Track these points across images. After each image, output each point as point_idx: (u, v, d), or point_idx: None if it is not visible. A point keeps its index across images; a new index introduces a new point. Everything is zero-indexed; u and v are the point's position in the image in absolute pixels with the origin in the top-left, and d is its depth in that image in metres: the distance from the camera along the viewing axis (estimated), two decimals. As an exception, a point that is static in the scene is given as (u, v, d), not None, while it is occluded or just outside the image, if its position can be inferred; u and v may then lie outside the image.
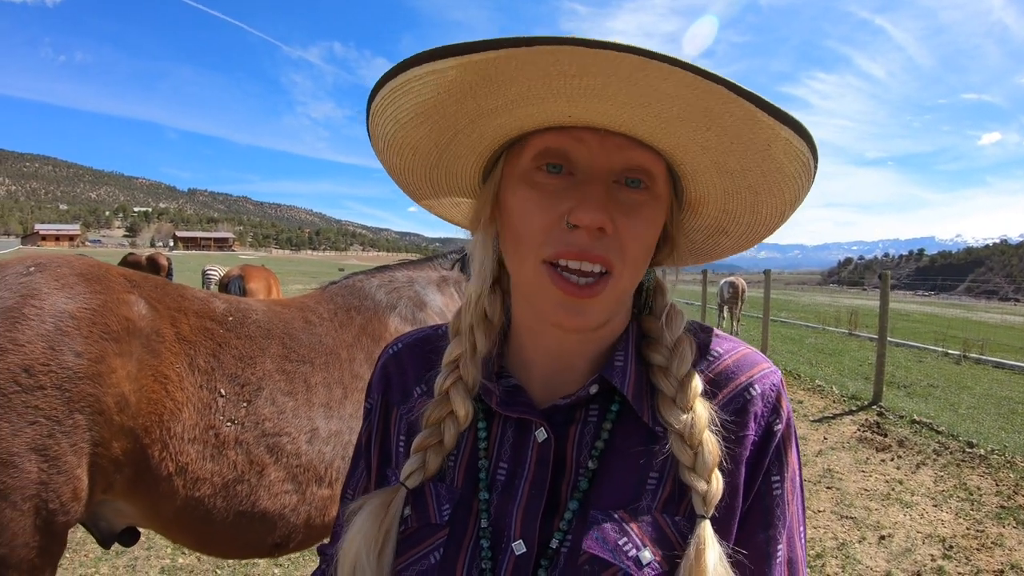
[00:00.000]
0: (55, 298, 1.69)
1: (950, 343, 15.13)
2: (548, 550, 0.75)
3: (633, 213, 0.74)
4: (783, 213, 0.80)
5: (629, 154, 0.74)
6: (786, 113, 0.64)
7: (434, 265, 2.80)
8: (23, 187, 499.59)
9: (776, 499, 0.78)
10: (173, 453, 1.80)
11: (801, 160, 0.70)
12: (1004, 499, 5.55)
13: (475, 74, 0.68)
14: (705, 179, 0.78)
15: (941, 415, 8.39)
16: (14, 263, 1.78)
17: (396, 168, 0.87)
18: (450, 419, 0.82)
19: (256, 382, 1.98)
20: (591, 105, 0.68)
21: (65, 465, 1.63)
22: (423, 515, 0.81)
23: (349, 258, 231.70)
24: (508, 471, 0.81)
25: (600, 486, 0.77)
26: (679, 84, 0.62)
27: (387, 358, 0.97)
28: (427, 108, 0.74)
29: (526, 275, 0.76)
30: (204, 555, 3.87)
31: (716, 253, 0.92)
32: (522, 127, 0.76)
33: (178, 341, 1.88)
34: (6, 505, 1.56)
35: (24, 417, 1.57)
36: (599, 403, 0.81)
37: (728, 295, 17.58)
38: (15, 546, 1.59)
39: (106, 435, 1.69)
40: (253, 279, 9.93)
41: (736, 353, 0.83)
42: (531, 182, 0.75)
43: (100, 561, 4.00)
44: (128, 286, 1.86)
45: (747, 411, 0.78)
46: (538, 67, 0.65)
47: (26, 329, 1.61)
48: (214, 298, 2.12)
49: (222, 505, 1.88)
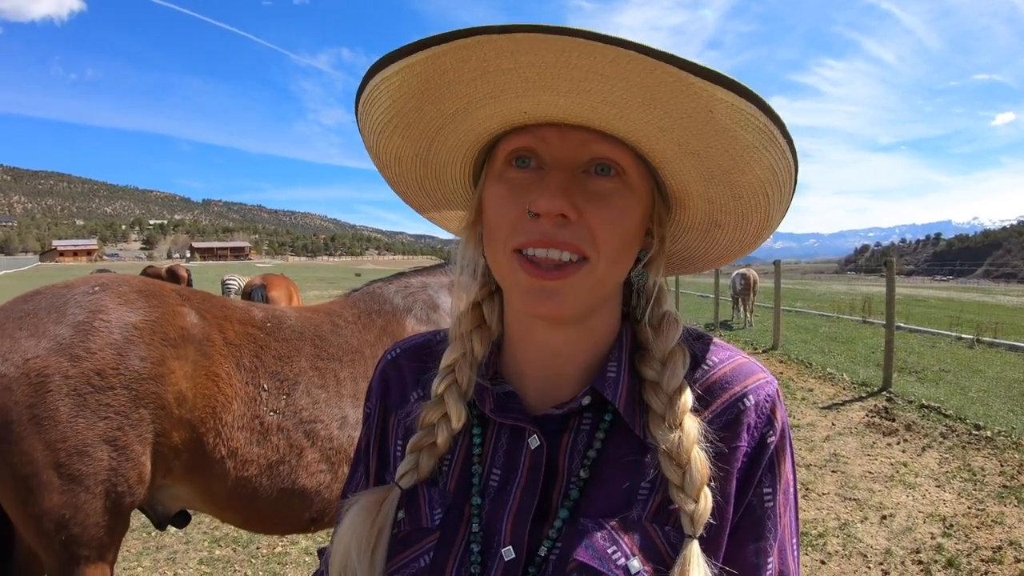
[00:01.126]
0: (120, 312, 1.97)
1: (964, 327, 14.97)
2: (536, 557, 0.75)
3: (601, 201, 0.73)
4: (766, 193, 0.76)
5: (592, 147, 0.73)
6: (716, 72, 0.60)
7: (445, 271, 3.06)
8: (39, 204, 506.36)
9: (768, 511, 0.77)
10: (225, 439, 2.08)
11: (755, 126, 0.66)
12: (1007, 479, 5.61)
13: (417, 77, 0.69)
14: (677, 165, 0.76)
15: (951, 399, 8.41)
16: (79, 284, 2.07)
17: (391, 179, 0.89)
18: (444, 421, 0.82)
19: (293, 378, 2.27)
20: (538, 98, 0.69)
21: (132, 453, 1.91)
22: (415, 518, 0.81)
23: (365, 262, 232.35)
24: (501, 477, 0.80)
25: (591, 495, 0.76)
26: (598, 58, 0.61)
27: (386, 363, 0.97)
28: (391, 116, 0.76)
29: (500, 267, 0.77)
30: (249, 532, 4.16)
31: (720, 253, 0.90)
32: (488, 129, 0.78)
33: (226, 345, 2.17)
34: (81, 489, 1.84)
35: (97, 413, 1.86)
36: (592, 412, 0.80)
37: (740, 287, 17.63)
38: (88, 525, 1.87)
39: (167, 426, 1.98)
40: (274, 287, 10.20)
41: (731, 363, 0.82)
42: (502, 178, 0.77)
43: (142, 555, 4.28)
44: (180, 299, 2.16)
45: (740, 422, 0.77)
46: (472, 64, 0.66)
47: (97, 339, 1.90)
48: (253, 307, 2.43)
49: (267, 483, 2.16)
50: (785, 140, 0.68)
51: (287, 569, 4.14)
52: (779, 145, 0.68)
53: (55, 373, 1.83)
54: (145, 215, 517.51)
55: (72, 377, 1.84)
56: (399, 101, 0.73)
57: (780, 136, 0.67)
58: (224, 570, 4.12)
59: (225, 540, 4.52)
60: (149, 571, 4.09)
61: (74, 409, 1.83)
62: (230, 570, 4.13)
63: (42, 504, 1.82)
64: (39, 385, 1.81)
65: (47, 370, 1.82)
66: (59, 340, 1.87)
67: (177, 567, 4.15)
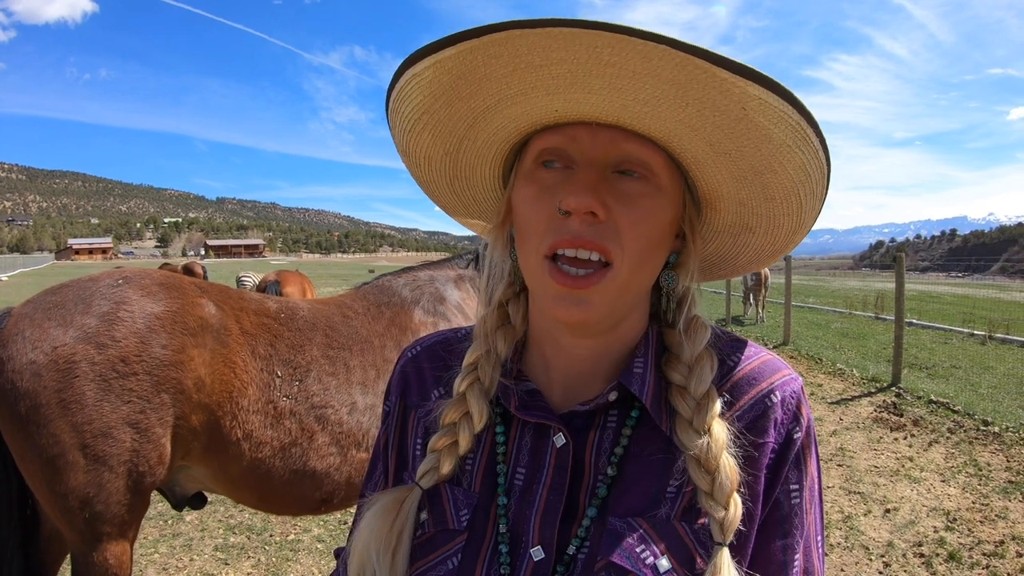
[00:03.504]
0: (143, 303, 2.09)
1: (977, 324, 14.84)
2: (565, 556, 0.74)
3: (629, 201, 0.72)
4: (798, 195, 0.74)
5: (622, 146, 0.73)
6: (748, 67, 0.59)
7: (452, 265, 3.16)
8: (54, 203, 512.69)
9: (794, 508, 0.76)
10: (241, 422, 2.20)
11: (788, 124, 0.65)
12: (1013, 474, 5.63)
13: (448, 73, 0.69)
14: (709, 166, 0.75)
15: (960, 395, 8.40)
16: (103, 277, 2.19)
17: (421, 179, 0.89)
18: (466, 420, 0.81)
19: (305, 365, 2.39)
20: (570, 95, 0.68)
21: (153, 435, 2.02)
22: (440, 520, 0.80)
23: (379, 259, 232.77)
24: (526, 476, 0.79)
25: (619, 493, 0.75)
26: (631, 55, 0.61)
27: (406, 361, 0.96)
28: (422, 113, 0.76)
29: (531, 272, 0.76)
30: (262, 513, 4.27)
31: (751, 257, 0.89)
32: (518, 128, 0.77)
33: (242, 334, 2.29)
34: (105, 469, 1.96)
35: (121, 397, 1.97)
36: (618, 409, 0.79)
37: (752, 282, 17.59)
38: (110, 503, 1.99)
39: (186, 410, 2.09)
40: (289, 284, 10.36)
41: (757, 359, 0.82)
42: (531, 178, 0.76)
43: (158, 542, 4.41)
44: (199, 292, 2.28)
45: (767, 417, 0.76)
46: (503, 60, 0.66)
47: (121, 328, 2.01)
48: (267, 299, 2.55)
49: (280, 465, 2.28)
50: (818, 139, 0.67)
51: (299, 556, 4.26)
52: (812, 144, 0.67)
53: (82, 360, 1.94)
54: (160, 213, 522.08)
55: (98, 364, 1.96)
56: (430, 98, 0.73)
57: (813, 135, 0.66)
58: (238, 557, 4.24)
59: (240, 528, 4.65)
60: (166, 557, 4.22)
61: (99, 393, 1.94)
62: (244, 556, 4.25)
63: (68, 483, 1.93)
64: (67, 371, 1.92)
65: (74, 357, 1.94)
66: (86, 329, 1.99)
67: (193, 553, 4.27)
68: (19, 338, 1.95)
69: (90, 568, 2.01)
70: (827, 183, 0.73)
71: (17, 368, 1.91)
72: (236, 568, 4.09)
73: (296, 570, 4.08)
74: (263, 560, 4.20)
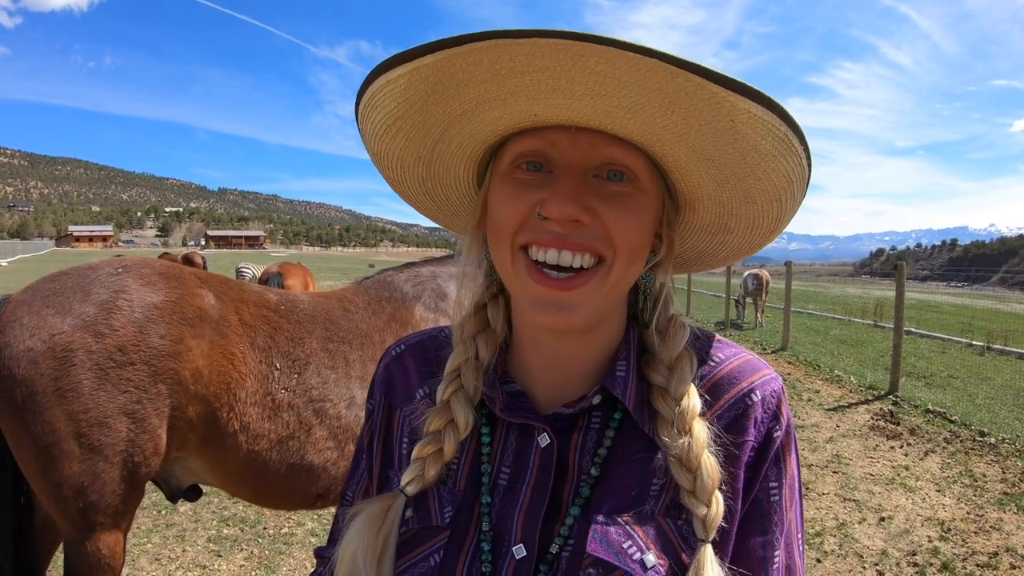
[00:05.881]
0: (142, 292, 2.08)
1: (976, 334, 14.84)
2: (548, 555, 0.75)
3: (616, 202, 0.72)
4: (780, 199, 0.75)
5: (604, 151, 0.72)
6: (740, 83, 0.59)
7: (455, 261, 3.15)
8: (56, 190, 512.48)
9: (773, 505, 0.77)
10: (238, 414, 2.18)
11: (775, 135, 0.65)
12: (1008, 486, 5.62)
13: (426, 80, 0.68)
14: (690, 170, 0.74)
15: (957, 405, 8.41)
16: (103, 266, 2.17)
17: (392, 179, 0.88)
18: (450, 428, 0.80)
19: (305, 358, 2.37)
20: (551, 101, 0.67)
21: (149, 425, 2.01)
22: (424, 517, 0.81)
23: (379, 254, 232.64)
24: (510, 475, 0.80)
25: (602, 492, 0.76)
26: (619, 64, 0.60)
27: (390, 359, 0.96)
28: (394, 119, 0.75)
29: (505, 265, 0.76)
30: (257, 507, 4.26)
31: (728, 254, 0.89)
32: (495, 131, 0.76)
33: (241, 325, 2.27)
34: (100, 459, 1.95)
35: (118, 387, 1.96)
36: (602, 411, 0.80)
37: (752, 287, 17.64)
38: (104, 493, 1.98)
39: (183, 401, 2.08)
40: (291, 276, 10.42)
41: (737, 359, 0.82)
42: (508, 179, 0.75)
43: (152, 532, 4.41)
44: (199, 282, 2.26)
45: (747, 416, 0.77)
46: (484, 67, 0.64)
47: (120, 317, 2.00)
48: (268, 291, 2.53)
49: (277, 458, 2.26)
50: (802, 147, 0.67)
51: (292, 549, 4.25)
52: (796, 153, 0.67)
53: (79, 348, 1.93)
54: (161, 202, 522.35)
55: (95, 352, 1.94)
56: (404, 104, 0.72)
57: (797, 143, 0.66)
58: (231, 548, 4.23)
59: (233, 520, 4.64)
60: (158, 547, 4.21)
61: (96, 383, 1.93)
62: (237, 548, 4.24)
63: (62, 472, 1.92)
64: (64, 359, 1.91)
65: (72, 345, 1.93)
66: (84, 317, 1.97)
67: (186, 544, 4.27)
68: (16, 325, 1.94)
69: (83, 557, 2.00)
70: (806, 185, 0.73)
71: (14, 355, 1.90)
72: (229, 560, 4.09)
73: (289, 563, 4.07)
74: (256, 552, 4.19)
